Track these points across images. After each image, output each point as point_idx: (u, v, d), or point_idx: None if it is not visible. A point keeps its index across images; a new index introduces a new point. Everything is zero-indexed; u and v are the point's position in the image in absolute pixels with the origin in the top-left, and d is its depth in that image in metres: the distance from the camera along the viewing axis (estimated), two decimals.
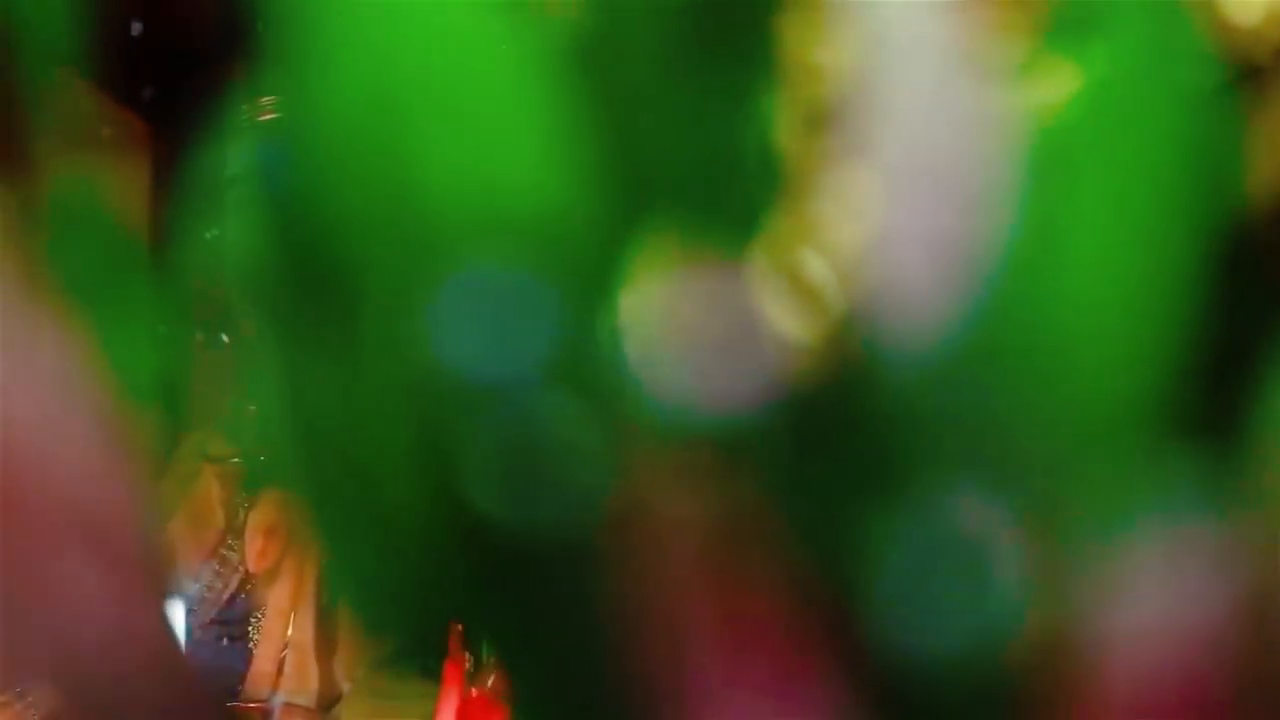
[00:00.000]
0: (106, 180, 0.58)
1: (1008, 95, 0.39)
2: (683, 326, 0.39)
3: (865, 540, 0.39)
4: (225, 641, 1.85)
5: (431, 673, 1.61)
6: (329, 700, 1.75)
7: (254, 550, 1.85)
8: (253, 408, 0.50)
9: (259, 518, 1.85)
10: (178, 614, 1.84)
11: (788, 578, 0.40)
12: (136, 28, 1.89)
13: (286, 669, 1.78)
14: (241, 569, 1.88)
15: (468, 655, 1.28)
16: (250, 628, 1.86)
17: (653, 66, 0.40)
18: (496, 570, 0.43)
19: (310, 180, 0.44)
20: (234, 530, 1.89)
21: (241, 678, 1.81)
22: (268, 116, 0.48)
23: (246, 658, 1.83)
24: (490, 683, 1.25)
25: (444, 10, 0.41)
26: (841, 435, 0.39)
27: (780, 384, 0.39)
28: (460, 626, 1.06)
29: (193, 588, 1.86)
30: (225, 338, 0.56)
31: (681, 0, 0.40)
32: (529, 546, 0.42)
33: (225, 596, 1.87)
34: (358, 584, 0.48)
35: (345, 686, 1.70)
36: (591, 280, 0.40)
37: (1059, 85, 0.40)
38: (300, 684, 1.75)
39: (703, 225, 0.40)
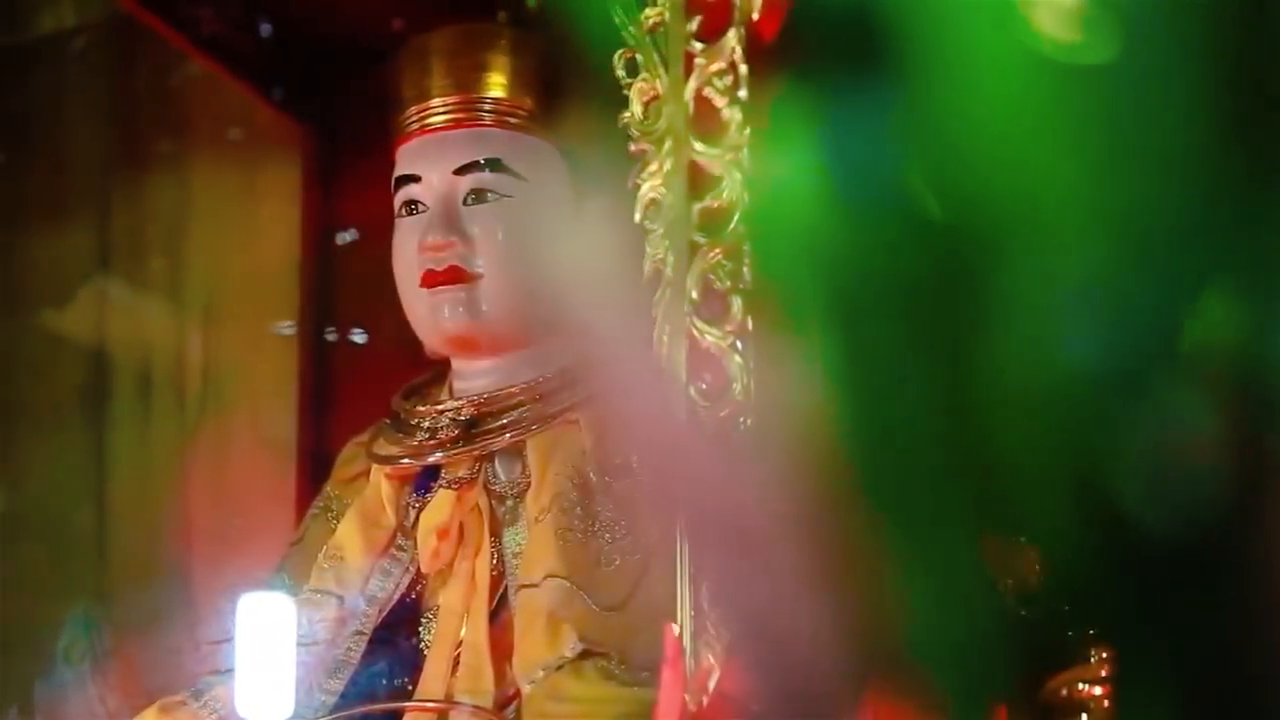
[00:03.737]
0: None
1: None
2: None
3: None
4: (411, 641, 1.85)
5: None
6: (504, 701, 1.74)
7: (427, 550, 1.84)
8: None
9: (433, 517, 1.84)
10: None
11: None
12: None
13: (460, 669, 1.77)
14: (413, 569, 1.87)
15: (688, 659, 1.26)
16: (421, 628, 1.86)
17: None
18: (1135, 566, 0.42)
19: (941, 188, 0.44)
20: (405, 530, 1.89)
21: (415, 678, 1.80)
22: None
23: (419, 658, 1.82)
24: (719, 688, 1.22)
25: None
26: None
27: None
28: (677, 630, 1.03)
29: (364, 589, 1.86)
30: None
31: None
32: (1167, 543, 0.41)
33: (395, 596, 1.86)
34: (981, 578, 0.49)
35: (525, 687, 1.69)
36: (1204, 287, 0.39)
37: None
38: (474, 684, 1.74)
39: None
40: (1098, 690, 1.56)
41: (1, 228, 2.09)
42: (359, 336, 2.43)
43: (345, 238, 2.47)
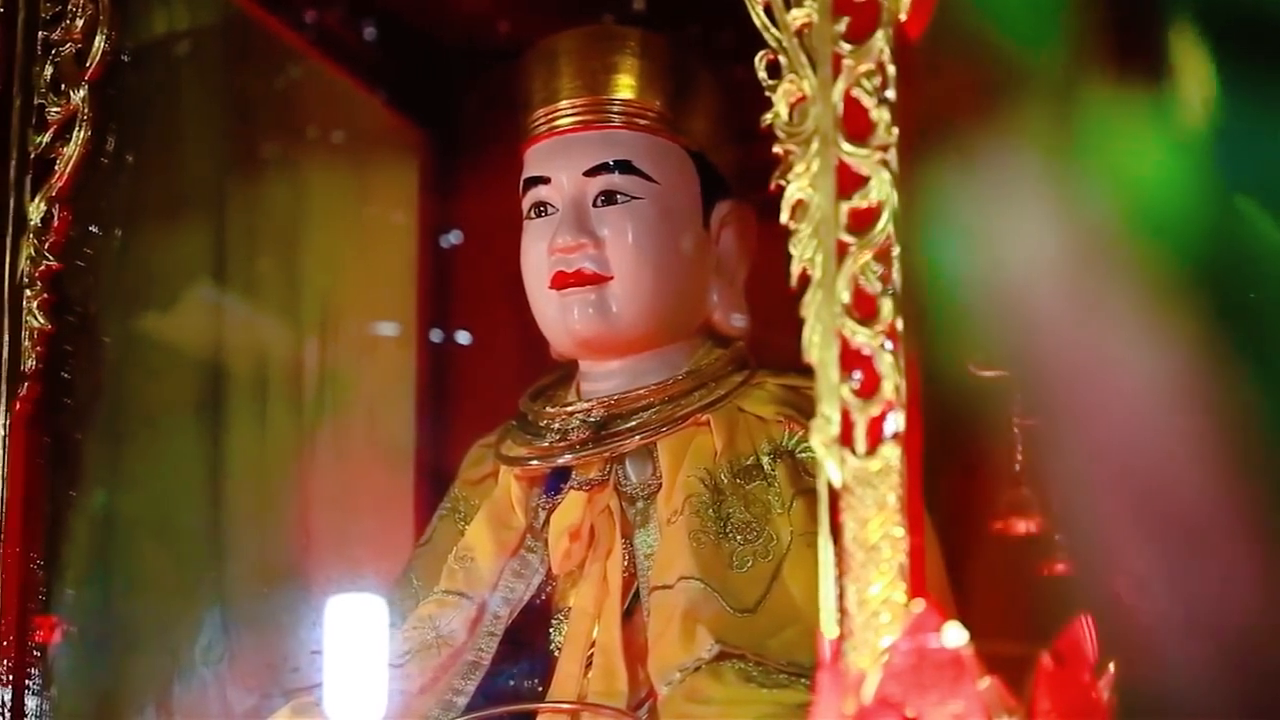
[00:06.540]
0: None
1: None
2: None
3: None
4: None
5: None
6: (637, 703, 1.73)
7: (558, 552, 1.84)
8: None
9: (564, 519, 1.84)
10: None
11: None
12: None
13: (593, 671, 1.77)
14: (543, 570, 1.88)
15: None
16: (552, 629, 1.86)
17: None
18: None
19: None
20: (535, 531, 1.89)
21: (547, 679, 1.80)
22: None
23: (551, 660, 1.83)
24: (875, 693, 1.22)
25: None
26: None
27: None
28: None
29: (495, 590, 1.86)
30: None
31: None
32: None
33: (526, 597, 1.87)
34: None
35: (662, 689, 1.68)
36: None
37: None
38: (608, 685, 1.74)
39: None
40: None
41: (124, 230, 2.10)
42: (470, 339, 2.43)
43: (451, 240, 2.47)
